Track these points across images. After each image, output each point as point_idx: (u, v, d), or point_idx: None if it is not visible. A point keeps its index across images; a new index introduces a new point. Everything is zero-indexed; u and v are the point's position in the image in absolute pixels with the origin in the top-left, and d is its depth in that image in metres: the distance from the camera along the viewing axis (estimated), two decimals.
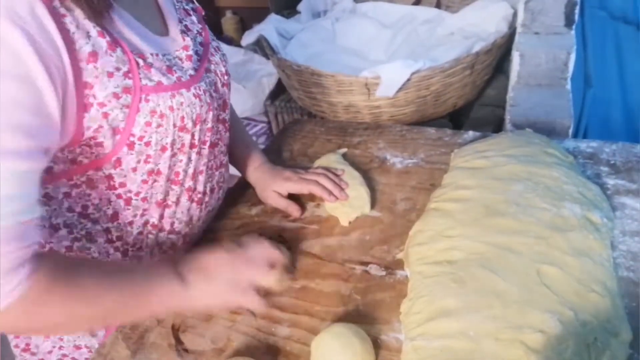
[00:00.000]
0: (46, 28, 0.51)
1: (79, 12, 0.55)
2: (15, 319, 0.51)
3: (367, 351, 0.58)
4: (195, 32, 0.74)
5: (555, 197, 0.71)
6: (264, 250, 0.68)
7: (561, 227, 0.67)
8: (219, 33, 2.35)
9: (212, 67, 0.74)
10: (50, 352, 0.79)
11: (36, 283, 0.51)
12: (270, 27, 1.68)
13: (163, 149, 0.65)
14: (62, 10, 0.53)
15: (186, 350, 0.64)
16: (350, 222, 0.82)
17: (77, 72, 0.54)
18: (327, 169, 0.89)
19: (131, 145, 0.62)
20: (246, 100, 1.78)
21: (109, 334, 0.76)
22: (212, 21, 2.35)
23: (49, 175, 0.62)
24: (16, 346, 0.79)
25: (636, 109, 1.40)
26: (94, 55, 0.56)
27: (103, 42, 0.57)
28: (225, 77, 0.76)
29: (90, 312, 0.57)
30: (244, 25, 2.34)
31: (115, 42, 0.59)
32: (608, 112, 1.43)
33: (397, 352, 0.60)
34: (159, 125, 0.63)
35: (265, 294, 0.65)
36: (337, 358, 0.56)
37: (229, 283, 0.63)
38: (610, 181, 0.82)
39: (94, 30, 0.56)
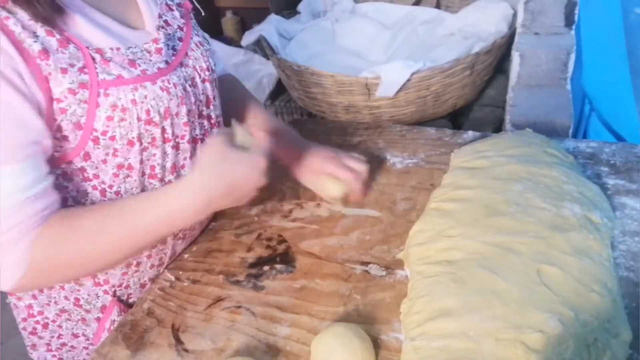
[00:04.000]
0: None
1: (22, 14, 0.57)
2: (31, 282, 0.60)
3: (367, 351, 0.58)
4: (176, 27, 0.74)
5: (555, 197, 0.71)
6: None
7: (561, 227, 0.67)
8: (219, 33, 2.35)
9: (190, 62, 0.73)
10: (51, 339, 0.80)
11: (39, 244, 0.58)
12: (270, 27, 1.68)
13: (130, 143, 0.65)
14: (4, 14, 0.55)
15: (186, 350, 0.64)
16: (341, 195, 0.81)
17: (35, 68, 0.56)
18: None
19: (96, 140, 0.63)
20: None
21: (103, 327, 0.76)
22: (212, 21, 2.35)
23: None
24: (24, 329, 0.80)
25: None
26: (44, 52, 0.57)
27: (52, 41, 0.58)
28: (207, 73, 0.75)
29: (96, 264, 0.64)
30: (244, 26, 2.34)
31: (66, 39, 0.59)
32: None
33: (397, 352, 0.59)
34: (121, 119, 0.63)
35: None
36: (337, 358, 0.56)
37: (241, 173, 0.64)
38: (610, 181, 0.82)
39: (41, 30, 0.58)
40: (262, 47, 1.81)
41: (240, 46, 2.01)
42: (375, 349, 0.59)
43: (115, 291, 0.76)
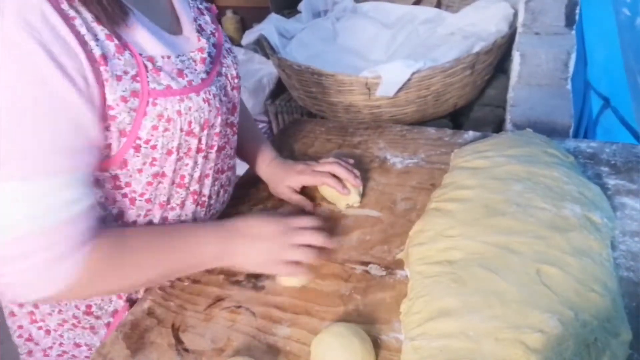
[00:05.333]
0: (60, 34, 0.51)
1: (87, 15, 0.55)
2: (76, 291, 0.58)
3: (367, 351, 0.58)
4: (209, 32, 0.73)
5: (555, 197, 0.71)
6: (309, 221, 0.72)
7: (561, 227, 0.67)
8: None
9: (224, 70, 0.72)
10: (50, 347, 0.79)
11: (92, 261, 0.57)
12: (270, 26, 1.68)
13: (169, 152, 0.64)
14: (72, 13, 0.53)
15: (186, 350, 0.64)
16: (347, 206, 0.84)
17: (97, 72, 0.55)
18: (339, 157, 0.89)
19: (137, 148, 0.62)
20: (246, 100, 1.78)
21: (110, 334, 0.76)
22: None
23: None
24: (20, 336, 0.80)
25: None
26: (103, 58, 0.55)
27: (111, 46, 0.57)
28: (236, 81, 0.75)
29: (142, 279, 0.64)
30: (244, 25, 2.34)
31: (123, 45, 0.58)
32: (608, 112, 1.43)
33: (397, 352, 0.60)
34: (165, 129, 0.62)
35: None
36: (337, 358, 0.56)
37: (272, 245, 0.68)
38: (611, 181, 0.82)
39: (101, 33, 0.56)
40: (262, 47, 1.81)
41: (240, 45, 2.01)
42: (375, 349, 0.59)
43: (128, 295, 0.76)
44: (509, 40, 1.43)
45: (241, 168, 0.91)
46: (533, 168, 0.77)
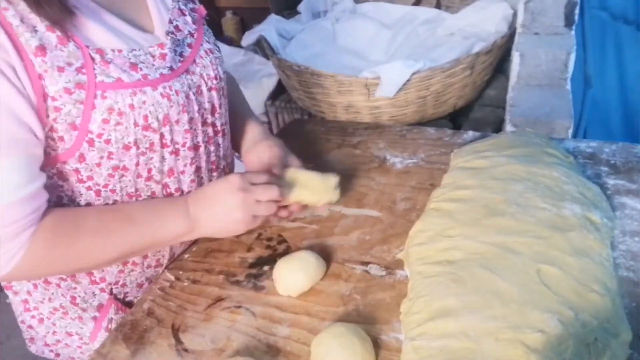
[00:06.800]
0: None
1: (23, 6, 0.56)
2: (22, 273, 0.61)
3: (367, 351, 0.58)
4: (187, 32, 0.73)
5: (555, 197, 0.71)
6: (260, 176, 0.72)
7: (561, 227, 0.67)
8: (219, 33, 2.35)
9: (198, 69, 0.72)
10: (45, 335, 0.81)
11: (36, 243, 0.59)
12: (270, 27, 1.68)
13: (126, 147, 0.64)
14: (3, 4, 0.54)
15: (186, 350, 0.64)
16: (326, 207, 0.81)
17: (28, 64, 0.56)
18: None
19: (91, 142, 0.62)
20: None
21: (100, 326, 0.77)
22: (212, 21, 2.35)
23: None
24: (22, 322, 0.81)
25: (636, 109, 1.40)
26: (41, 49, 0.56)
27: (52, 37, 0.57)
28: (214, 81, 0.74)
29: (94, 265, 0.67)
30: (244, 26, 2.34)
31: (67, 37, 0.58)
32: (608, 112, 1.43)
33: (397, 352, 0.59)
34: (117, 123, 0.62)
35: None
36: (337, 358, 0.56)
37: (234, 208, 0.68)
38: (610, 181, 0.82)
39: (41, 25, 0.57)
40: (262, 47, 1.81)
41: (240, 46, 2.01)
42: (375, 349, 0.59)
43: (112, 289, 0.76)
44: (508, 41, 1.44)
45: (239, 169, 0.91)
46: (533, 168, 0.77)
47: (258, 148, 0.84)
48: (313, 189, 0.77)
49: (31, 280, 0.75)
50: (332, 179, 0.77)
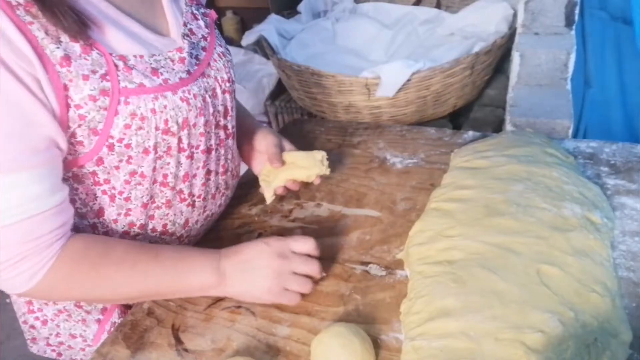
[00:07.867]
0: (12, 40, 0.52)
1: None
2: (41, 292, 0.60)
3: (367, 351, 0.58)
4: (200, 36, 0.74)
5: (555, 197, 0.71)
6: (304, 245, 0.69)
7: (561, 227, 0.67)
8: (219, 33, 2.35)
9: (212, 72, 0.73)
10: (48, 337, 0.80)
11: (62, 261, 0.59)
12: (270, 27, 1.68)
13: (145, 151, 0.64)
14: (28, 18, 0.54)
15: (186, 350, 0.64)
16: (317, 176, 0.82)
17: (54, 75, 0.56)
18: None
19: (111, 147, 0.62)
20: (246, 101, 1.79)
21: (103, 329, 0.77)
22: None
23: None
24: (24, 322, 0.81)
25: (636, 109, 1.40)
26: (66, 59, 0.56)
27: (76, 46, 0.58)
28: (227, 84, 0.75)
29: (113, 296, 0.65)
30: (244, 26, 2.34)
31: (90, 45, 0.59)
32: (608, 112, 1.43)
33: (397, 352, 0.59)
34: (139, 128, 0.62)
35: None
36: (337, 358, 0.56)
37: (266, 276, 0.66)
38: (610, 181, 0.82)
39: (65, 36, 0.57)
40: (262, 47, 1.81)
41: (240, 46, 2.01)
42: (375, 349, 0.59)
43: None
44: (508, 41, 1.44)
45: (241, 169, 0.91)
46: (533, 168, 0.77)
47: (253, 139, 0.86)
48: (303, 165, 0.82)
49: (46, 301, 0.75)
50: (319, 153, 0.81)
